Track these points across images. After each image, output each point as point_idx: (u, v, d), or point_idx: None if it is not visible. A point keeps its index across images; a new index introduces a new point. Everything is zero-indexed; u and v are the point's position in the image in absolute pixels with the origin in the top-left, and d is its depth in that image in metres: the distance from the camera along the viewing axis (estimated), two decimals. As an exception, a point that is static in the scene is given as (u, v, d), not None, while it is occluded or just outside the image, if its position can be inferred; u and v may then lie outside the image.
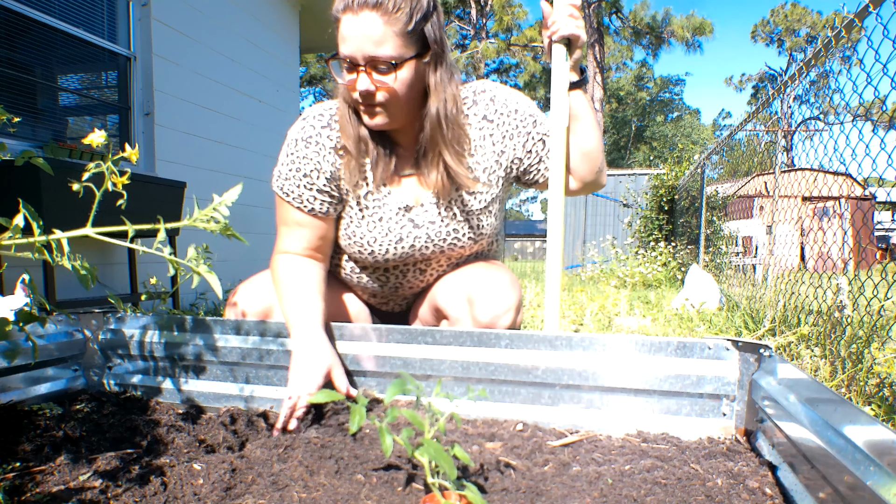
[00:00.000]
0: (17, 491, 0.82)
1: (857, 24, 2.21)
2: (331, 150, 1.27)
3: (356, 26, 1.09)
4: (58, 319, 1.38)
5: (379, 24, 1.08)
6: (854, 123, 2.29)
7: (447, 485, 0.73)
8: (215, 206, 0.88)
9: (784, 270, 3.93)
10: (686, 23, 23.36)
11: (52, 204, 2.68)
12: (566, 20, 1.27)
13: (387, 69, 1.12)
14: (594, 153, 1.35)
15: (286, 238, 1.32)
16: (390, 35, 1.09)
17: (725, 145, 6.09)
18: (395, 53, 1.11)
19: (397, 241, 1.32)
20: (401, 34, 1.10)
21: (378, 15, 1.08)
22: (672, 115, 42.17)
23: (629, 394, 1.08)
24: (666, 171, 9.30)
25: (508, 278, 1.32)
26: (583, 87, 1.34)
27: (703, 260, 6.55)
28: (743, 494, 0.80)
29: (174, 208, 3.60)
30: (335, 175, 1.28)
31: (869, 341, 1.94)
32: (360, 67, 1.12)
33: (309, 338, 1.15)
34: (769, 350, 1.00)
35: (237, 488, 0.85)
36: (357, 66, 1.12)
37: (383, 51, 1.10)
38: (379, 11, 1.08)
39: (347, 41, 1.10)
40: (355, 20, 1.09)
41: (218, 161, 4.72)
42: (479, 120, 1.30)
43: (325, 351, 1.15)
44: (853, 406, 0.71)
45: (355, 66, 1.12)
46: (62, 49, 3.62)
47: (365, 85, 1.12)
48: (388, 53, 1.10)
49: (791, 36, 32.26)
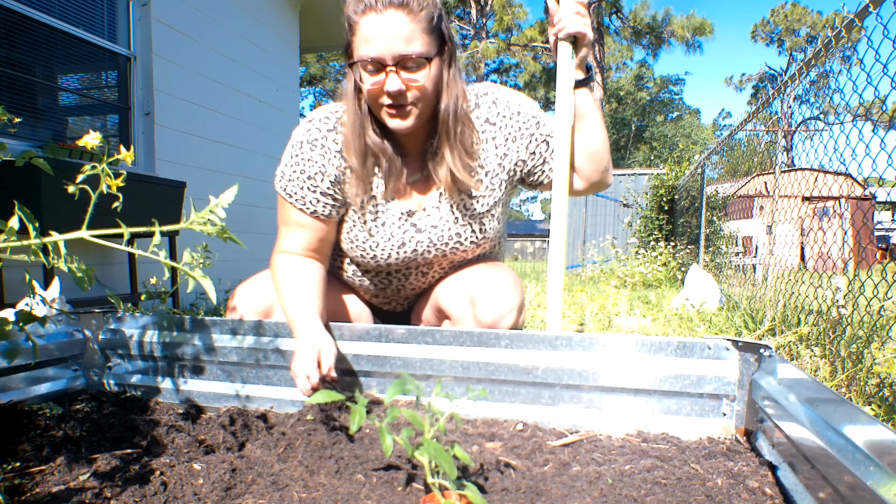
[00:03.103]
0: (16, 491, 0.82)
1: (857, 24, 2.21)
2: (336, 154, 1.27)
3: (383, 26, 1.08)
4: (58, 319, 1.38)
5: (406, 23, 1.08)
6: (854, 123, 2.29)
7: (447, 484, 0.73)
8: (212, 208, 0.88)
9: (784, 270, 3.93)
10: (686, 23, 23.35)
11: (52, 204, 2.68)
12: (573, 18, 1.25)
13: (416, 67, 1.12)
14: (600, 152, 1.33)
15: (286, 238, 1.32)
16: (418, 33, 1.10)
17: (725, 145, 6.09)
18: (423, 50, 1.11)
19: (400, 245, 1.31)
20: (426, 31, 1.11)
21: (404, 14, 1.08)
22: (672, 115, 42.15)
23: (629, 394, 1.08)
24: (666, 171, 9.29)
25: (511, 279, 1.32)
26: (588, 86, 1.32)
27: (703, 260, 6.55)
28: (743, 494, 0.80)
29: (174, 208, 3.60)
30: (339, 179, 1.28)
31: (869, 341, 1.93)
32: (390, 68, 1.10)
33: (304, 327, 1.15)
34: (769, 350, 1.00)
35: (237, 488, 0.85)
36: (384, 66, 1.11)
37: (413, 48, 1.09)
38: (405, 10, 1.08)
39: (373, 42, 1.09)
40: (380, 20, 1.08)
41: (218, 161, 4.72)
42: (482, 123, 1.29)
43: (317, 336, 1.14)
44: (853, 406, 0.71)
45: (382, 67, 1.11)
46: (62, 49, 3.62)
47: (396, 84, 1.11)
48: (418, 51, 1.10)
49: (791, 36, 32.26)
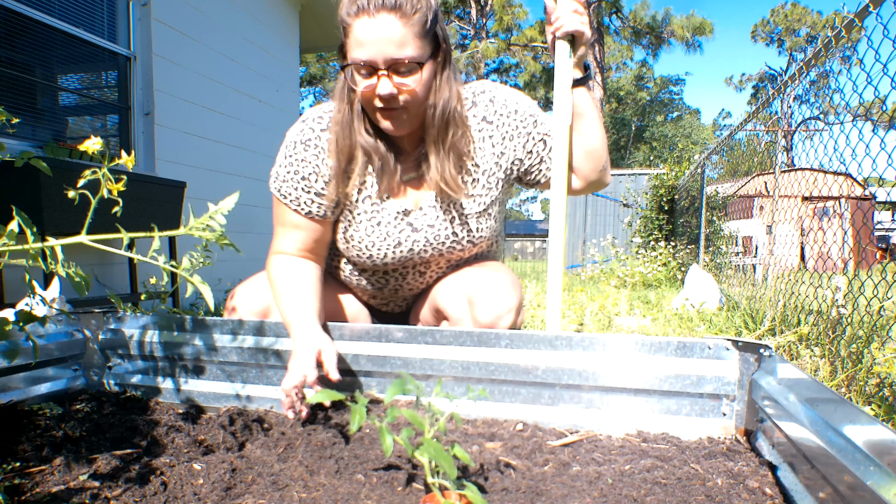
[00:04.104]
0: (16, 491, 0.82)
1: (857, 23, 2.21)
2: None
3: (375, 29, 1.07)
4: (58, 319, 1.38)
5: (399, 26, 1.07)
6: (854, 123, 2.29)
7: (447, 484, 0.73)
8: (212, 213, 0.88)
9: (784, 270, 3.93)
10: (686, 23, 23.34)
11: (52, 204, 2.68)
12: (570, 16, 1.24)
13: (408, 71, 1.11)
14: (598, 151, 1.33)
15: (282, 238, 1.32)
16: (410, 37, 1.08)
17: (725, 145, 6.09)
18: (416, 55, 1.09)
19: (395, 245, 1.31)
20: (419, 36, 1.09)
21: (397, 17, 1.06)
22: (672, 115, 42.14)
23: (629, 394, 1.08)
24: (666, 171, 9.29)
25: (509, 279, 1.31)
26: (586, 84, 1.31)
27: (703, 260, 6.55)
28: (743, 494, 0.80)
29: (174, 208, 3.60)
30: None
31: (869, 341, 1.93)
32: (381, 72, 1.09)
33: (301, 328, 1.15)
34: (769, 350, 1.00)
35: (237, 488, 0.85)
36: (376, 70, 1.10)
37: (405, 53, 1.08)
38: (397, 14, 1.06)
39: (365, 45, 1.08)
40: (372, 23, 1.07)
41: (218, 161, 4.72)
42: (479, 122, 1.29)
43: (315, 336, 1.14)
44: (853, 406, 0.71)
45: (374, 71, 1.10)
46: (62, 49, 3.62)
47: (388, 88, 1.10)
48: (410, 55, 1.09)
49: (791, 36, 32.25)
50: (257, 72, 5.27)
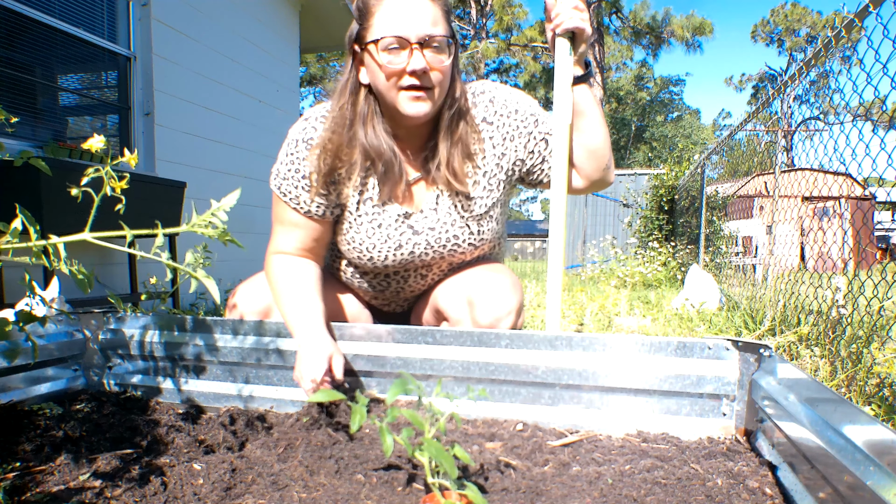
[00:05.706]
0: (17, 491, 0.82)
1: (857, 24, 2.21)
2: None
3: (407, 6, 1.09)
4: (58, 319, 1.38)
5: (429, 4, 1.11)
6: (854, 123, 2.29)
7: (447, 484, 0.73)
8: (213, 211, 0.88)
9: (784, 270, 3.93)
10: (686, 23, 23.36)
11: (53, 204, 2.68)
12: (571, 13, 1.23)
13: (439, 48, 1.12)
14: (601, 150, 1.30)
15: (280, 237, 1.32)
16: (440, 15, 1.12)
17: (725, 145, 6.09)
18: (446, 32, 1.12)
19: (396, 247, 1.31)
20: (444, 18, 1.13)
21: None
22: (672, 115, 42.12)
23: (629, 394, 1.08)
24: (666, 171, 9.29)
25: (510, 281, 1.31)
26: (587, 82, 1.30)
27: (703, 260, 6.55)
28: (743, 494, 0.80)
29: (174, 208, 3.60)
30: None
31: (869, 341, 1.94)
32: (414, 46, 1.09)
33: (311, 333, 1.16)
34: (769, 350, 1.00)
35: (237, 488, 0.85)
36: (408, 45, 1.10)
37: (438, 30, 1.11)
38: None
39: (397, 21, 1.09)
40: (405, 1, 1.09)
41: (218, 161, 4.72)
42: (479, 122, 1.28)
43: (326, 341, 1.15)
44: (853, 406, 0.71)
45: (405, 45, 1.10)
46: (62, 49, 3.62)
47: (421, 63, 1.10)
48: (441, 32, 1.11)
49: (791, 36, 32.25)
50: (257, 72, 5.27)
